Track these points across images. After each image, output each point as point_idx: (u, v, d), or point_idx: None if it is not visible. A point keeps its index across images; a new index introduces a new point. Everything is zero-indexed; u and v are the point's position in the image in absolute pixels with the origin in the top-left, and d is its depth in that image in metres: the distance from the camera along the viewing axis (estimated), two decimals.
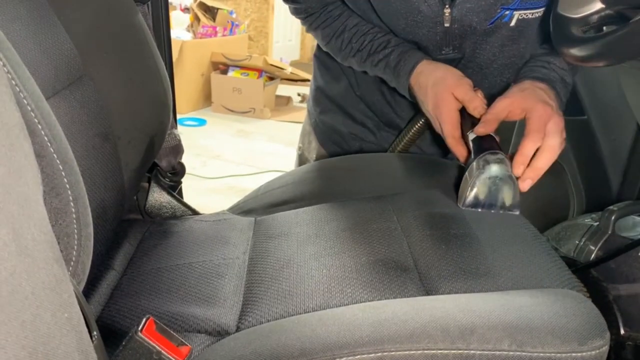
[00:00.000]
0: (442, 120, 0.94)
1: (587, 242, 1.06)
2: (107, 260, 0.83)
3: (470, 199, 0.84)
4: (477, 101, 0.92)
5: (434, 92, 0.95)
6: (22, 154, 0.37)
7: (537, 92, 0.91)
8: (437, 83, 0.95)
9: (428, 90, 0.96)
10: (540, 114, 0.87)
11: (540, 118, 0.86)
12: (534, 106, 0.88)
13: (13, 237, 0.33)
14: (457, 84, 0.94)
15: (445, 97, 0.93)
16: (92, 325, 0.45)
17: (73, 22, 0.75)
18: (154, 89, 0.96)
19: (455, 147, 0.93)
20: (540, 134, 0.85)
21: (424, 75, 0.98)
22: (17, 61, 0.47)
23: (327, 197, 0.97)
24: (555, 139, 0.86)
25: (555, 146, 0.86)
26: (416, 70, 0.99)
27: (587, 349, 0.57)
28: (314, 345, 0.58)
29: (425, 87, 0.97)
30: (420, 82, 0.98)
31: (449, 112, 0.93)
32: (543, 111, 0.87)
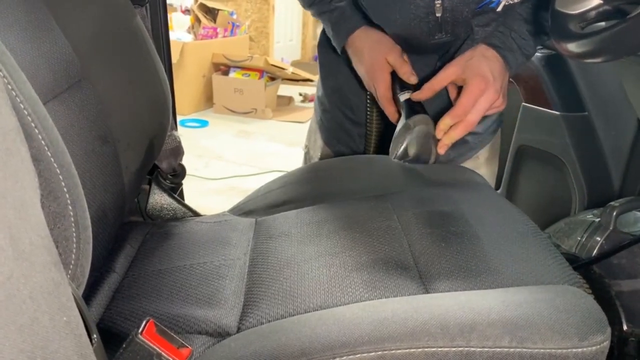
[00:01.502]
0: (376, 82, 1.03)
1: (589, 238, 1.06)
2: (108, 262, 0.83)
3: (400, 153, 0.97)
4: (406, 67, 1.02)
5: (370, 56, 1.04)
6: (18, 158, 0.37)
7: (482, 63, 0.96)
8: (372, 48, 1.04)
9: (364, 54, 1.05)
10: (472, 89, 0.94)
11: (471, 93, 0.94)
12: (471, 79, 0.95)
13: (10, 242, 0.33)
14: (390, 50, 1.03)
15: (380, 61, 1.03)
16: (91, 328, 0.45)
17: (71, 26, 0.75)
18: (153, 91, 0.96)
19: (387, 107, 1.04)
20: (465, 108, 0.94)
21: (359, 40, 1.06)
22: (13, 65, 0.47)
23: (327, 197, 0.97)
24: (477, 115, 0.94)
25: (473, 122, 0.95)
26: (354, 34, 1.07)
27: (587, 345, 0.57)
28: (314, 344, 0.58)
29: (361, 50, 1.06)
30: (356, 45, 1.07)
31: (383, 75, 1.03)
32: (477, 86, 0.94)
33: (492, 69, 0.95)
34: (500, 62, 0.97)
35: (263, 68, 4.15)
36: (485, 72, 0.95)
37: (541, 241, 0.78)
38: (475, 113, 0.94)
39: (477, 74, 0.95)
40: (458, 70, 0.97)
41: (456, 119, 0.94)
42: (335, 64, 1.21)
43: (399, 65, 1.03)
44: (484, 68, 0.95)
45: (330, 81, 1.24)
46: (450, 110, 0.95)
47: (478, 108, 0.94)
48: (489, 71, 0.95)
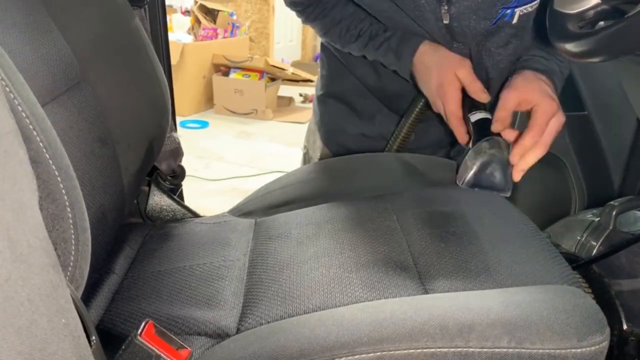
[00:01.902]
0: (446, 99, 0.96)
1: (589, 237, 1.06)
2: (108, 264, 0.83)
3: (469, 179, 0.90)
4: (478, 84, 0.96)
5: (438, 71, 0.97)
6: (16, 160, 0.37)
7: (542, 84, 0.94)
8: (441, 63, 0.98)
9: (432, 70, 0.99)
10: (545, 109, 0.90)
11: (545, 113, 0.90)
12: (541, 101, 0.91)
13: (8, 244, 0.33)
14: (460, 64, 0.97)
15: (449, 77, 0.96)
16: (90, 330, 0.45)
17: (70, 27, 0.75)
18: (152, 92, 0.96)
19: (457, 127, 0.97)
20: (542, 129, 0.89)
21: (427, 55, 1.00)
22: (11, 68, 0.48)
23: (327, 198, 0.97)
24: (552, 136, 0.90)
25: (548, 143, 0.90)
26: (420, 50, 1.01)
27: (586, 345, 0.57)
28: (313, 345, 0.58)
29: (429, 66, 0.99)
30: (424, 61, 1.00)
31: (453, 91, 0.96)
32: (549, 106, 0.90)
33: (552, 91, 0.94)
34: (551, 85, 0.96)
35: (263, 69, 4.15)
36: (551, 94, 0.92)
37: (540, 241, 0.78)
38: (549, 134, 0.90)
39: (546, 95, 0.92)
40: (519, 94, 0.93)
41: (535, 139, 0.89)
42: (341, 69, 1.21)
43: (470, 82, 0.96)
44: (548, 90, 0.93)
45: (336, 86, 1.24)
46: (526, 132, 0.90)
47: (551, 128, 0.90)
48: (553, 91, 0.93)
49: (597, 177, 1.37)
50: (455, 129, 0.97)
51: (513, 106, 0.93)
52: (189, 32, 4.36)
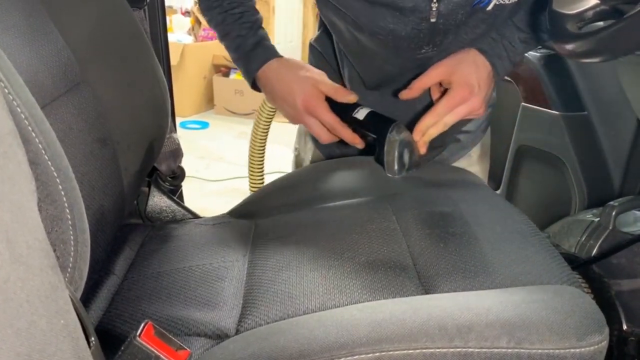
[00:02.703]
0: (319, 112, 0.99)
1: (589, 238, 1.06)
2: (107, 265, 0.83)
3: (398, 168, 0.95)
4: (341, 88, 1.00)
5: (301, 87, 0.99)
6: (15, 162, 0.37)
7: (471, 70, 0.96)
8: (300, 78, 1.00)
9: (293, 85, 1.00)
10: (455, 96, 0.94)
11: (453, 99, 0.94)
12: (457, 87, 0.95)
13: (6, 245, 0.33)
14: (319, 77, 1.01)
15: (315, 92, 0.99)
16: (89, 331, 0.45)
17: (70, 28, 0.75)
18: (152, 93, 0.96)
19: (344, 133, 0.99)
20: (442, 113, 0.94)
21: (285, 68, 1.03)
22: (9, 69, 0.48)
23: (326, 199, 0.97)
24: (454, 117, 0.95)
25: (450, 123, 0.95)
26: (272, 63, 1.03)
27: (585, 345, 0.57)
28: (312, 346, 0.58)
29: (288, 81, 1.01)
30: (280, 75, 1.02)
31: (321, 104, 0.99)
32: (461, 94, 0.94)
33: (480, 78, 0.96)
34: (488, 70, 0.98)
35: None
36: (472, 81, 0.95)
37: (540, 241, 0.78)
38: (454, 115, 0.94)
39: (465, 82, 0.95)
40: (448, 70, 0.97)
41: (435, 119, 0.94)
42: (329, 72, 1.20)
43: (335, 91, 0.99)
44: (472, 77, 0.95)
45: None
46: (430, 110, 0.95)
47: (457, 112, 0.94)
48: (476, 80, 0.95)
49: (597, 177, 1.37)
50: (342, 134, 0.99)
51: (433, 82, 0.98)
52: (189, 33, 4.36)
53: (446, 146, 1.21)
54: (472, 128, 1.20)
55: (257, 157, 1.21)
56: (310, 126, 1.00)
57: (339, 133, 0.99)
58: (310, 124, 1.00)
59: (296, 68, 1.02)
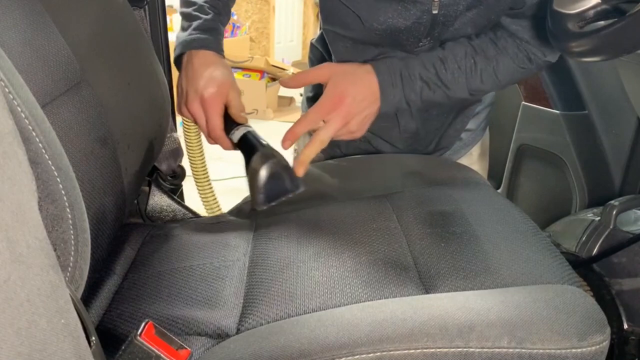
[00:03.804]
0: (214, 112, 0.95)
1: (589, 237, 1.06)
2: (108, 264, 0.83)
3: (263, 198, 0.86)
4: (239, 107, 0.97)
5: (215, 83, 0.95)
6: (16, 161, 0.37)
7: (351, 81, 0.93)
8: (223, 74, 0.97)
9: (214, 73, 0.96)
10: (325, 101, 0.91)
11: (323, 106, 0.91)
12: (329, 92, 0.92)
13: (7, 245, 0.33)
14: (234, 84, 0.97)
15: (223, 91, 0.95)
16: (90, 330, 0.45)
17: (70, 28, 0.75)
18: (152, 92, 0.96)
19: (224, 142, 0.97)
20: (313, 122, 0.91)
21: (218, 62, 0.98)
22: (10, 68, 0.47)
23: (327, 198, 0.97)
24: (327, 133, 0.90)
25: (324, 140, 0.90)
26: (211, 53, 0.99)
27: (587, 345, 0.57)
28: (313, 346, 0.58)
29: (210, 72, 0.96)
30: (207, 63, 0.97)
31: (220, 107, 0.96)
32: (332, 99, 0.91)
33: (356, 93, 0.92)
34: (371, 91, 0.94)
35: (264, 69, 4.15)
36: (345, 93, 0.92)
37: (541, 240, 0.78)
38: (327, 130, 0.90)
39: (338, 90, 0.92)
40: (329, 74, 0.94)
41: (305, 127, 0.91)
42: None
43: (237, 103, 0.96)
44: (347, 89, 0.92)
45: None
46: (299, 119, 0.92)
47: (329, 125, 0.90)
48: (353, 94, 0.92)
49: (597, 177, 1.37)
50: (222, 143, 0.97)
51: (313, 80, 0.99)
52: None
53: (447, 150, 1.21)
54: (473, 126, 1.20)
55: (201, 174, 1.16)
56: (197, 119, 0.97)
57: (218, 140, 0.97)
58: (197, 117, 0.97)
59: (224, 68, 0.98)
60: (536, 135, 1.50)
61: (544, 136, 1.48)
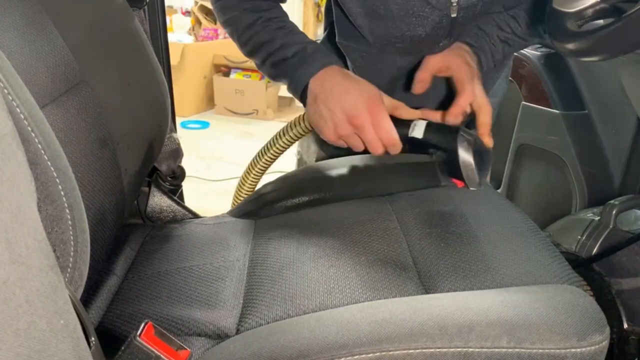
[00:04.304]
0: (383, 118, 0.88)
1: (589, 236, 1.06)
2: (108, 265, 0.83)
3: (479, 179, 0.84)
4: (402, 105, 0.91)
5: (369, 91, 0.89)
6: (14, 162, 0.37)
7: (463, 53, 0.98)
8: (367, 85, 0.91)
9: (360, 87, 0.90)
10: (463, 72, 0.94)
11: (466, 74, 0.94)
12: (460, 67, 0.95)
13: (6, 246, 0.33)
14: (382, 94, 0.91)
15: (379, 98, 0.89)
16: (89, 331, 0.45)
17: (69, 29, 0.75)
18: (152, 93, 0.96)
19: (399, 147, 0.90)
20: (471, 90, 0.92)
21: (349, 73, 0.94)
22: (9, 69, 0.48)
23: (327, 198, 0.97)
24: (483, 96, 0.93)
25: (487, 101, 0.93)
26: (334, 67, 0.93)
27: (586, 345, 0.57)
28: (313, 346, 0.58)
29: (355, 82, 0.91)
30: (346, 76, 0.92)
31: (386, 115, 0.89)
32: (466, 70, 0.94)
33: (473, 61, 0.97)
34: (476, 59, 0.99)
35: None
36: (469, 61, 0.96)
37: (540, 240, 0.78)
38: (480, 95, 0.92)
39: (464, 62, 0.96)
40: (442, 59, 0.97)
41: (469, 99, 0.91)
42: None
43: (395, 107, 0.90)
44: (467, 58, 0.97)
45: None
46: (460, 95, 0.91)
47: (479, 89, 0.93)
48: (471, 61, 0.97)
49: (597, 176, 1.37)
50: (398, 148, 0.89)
51: (435, 70, 0.97)
52: (189, 33, 4.36)
53: None
54: None
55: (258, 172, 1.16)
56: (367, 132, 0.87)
57: (395, 145, 0.88)
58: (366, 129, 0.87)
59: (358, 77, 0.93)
60: (536, 135, 1.50)
61: (544, 136, 1.48)
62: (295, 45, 0.95)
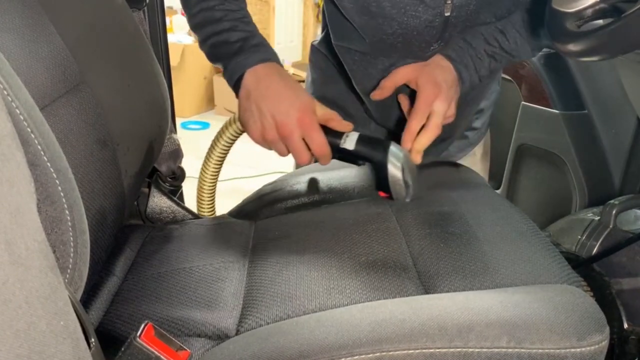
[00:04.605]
0: (314, 130, 0.88)
1: (589, 236, 1.05)
2: (108, 266, 0.83)
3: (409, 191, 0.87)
4: (336, 116, 0.92)
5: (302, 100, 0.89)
6: (14, 163, 0.37)
7: (436, 70, 0.96)
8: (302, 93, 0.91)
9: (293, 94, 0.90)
10: (427, 94, 0.92)
11: (427, 98, 0.92)
12: (425, 85, 0.94)
13: (5, 247, 0.33)
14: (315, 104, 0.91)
15: (312, 107, 0.89)
16: (89, 332, 0.45)
17: (69, 30, 0.75)
18: (151, 94, 0.96)
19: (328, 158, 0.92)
20: (424, 113, 0.91)
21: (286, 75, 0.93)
22: (8, 71, 0.48)
23: (327, 199, 0.97)
24: (438, 118, 0.91)
25: (438, 124, 0.91)
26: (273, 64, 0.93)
27: (586, 345, 0.57)
28: (313, 347, 0.58)
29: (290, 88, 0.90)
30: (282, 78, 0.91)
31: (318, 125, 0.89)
32: (431, 91, 0.92)
33: (446, 79, 0.94)
34: (453, 75, 0.96)
35: None
36: (439, 80, 0.94)
37: (540, 240, 0.78)
38: (437, 116, 0.90)
39: (431, 80, 0.94)
40: (414, 72, 0.96)
41: (421, 119, 0.90)
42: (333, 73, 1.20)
43: (331, 114, 0.91)
44: (437, 76, 0.94)
45: (328, 90, 1.21)
46: (411, 114, 0.91)
47: (437, 111, 0.91)
48: (442, 79, 0.94)
49: (597, 176, 1.37)
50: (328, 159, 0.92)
51: (401, 81, 0.98)
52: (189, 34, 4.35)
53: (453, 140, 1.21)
54: (478, 125, 1.21)
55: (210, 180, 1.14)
56: (294, 142, 0.88)
57: (324, 156, 0.90)
58: (294, 139, 0.88)
59: (295, 81, 0.93)
60: (536, 135, 1.50)
61: (544, 136, 1.48)
62: (241, 32, 0.94)
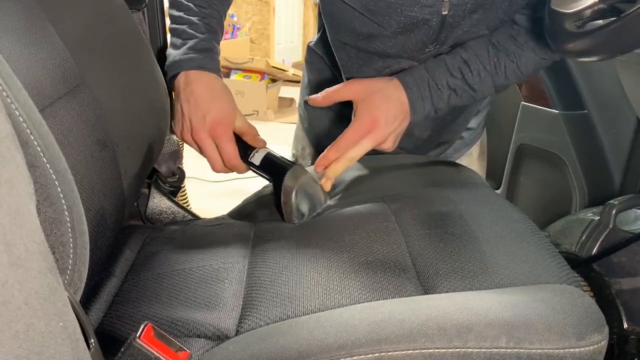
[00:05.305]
0: (224, 140, 0.92)
1: (589, 236, 1.05)
2: (107, 267, 0.83)
3: (297, 214, 0.90)
4: (253, 130, 0.96)
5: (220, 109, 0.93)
6: (13, 165, 0.37)
7: (381, 103, 0.92)
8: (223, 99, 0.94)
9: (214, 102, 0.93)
10: (359, 127, 0.91)
11: (357, 131, 0.90)
12: (362, 116, 0.91)
13: (4, 248, 0.33)
14: (238, 112, 0.96)
15: (229, 121, 0.93)
16: (89, 333, 0.46)
17: (68, 31, 0.75)
18: (151, 95, 0.96)
19: (240, 168, 0.95)
20: (348, 146, 0.90)
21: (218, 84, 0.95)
22: (7, 72, 0.48)
23: None
24: (358, 152, 0.90)
25: (354, 158, 0.91)
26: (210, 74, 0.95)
27: (585, 345, 0.57)
28: (312, 347, 0.58)
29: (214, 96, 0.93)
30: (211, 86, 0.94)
31: (230, 136, 0.93)
32: (364, 126, 0.90)
33: (388, 113, 0.92)
34: (402, 107, 0.93)
35: (264, 70, 4.15)
36: (378, 114, 0.91)
37: (539, 240, 0.78)
38: (358, 150, 0.90)
39: (369, 114, 0.91)
40: (360, 93, 0.94)
41: (338, 153, 0.90)
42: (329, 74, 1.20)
43: (247, 128, 0.95)
44: (379, 109, 0.91)
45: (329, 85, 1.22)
46: (333, 144, 0.91)
47: (362, 145, 0.90)
48: (384, 114, 0.91)
49: (597, 176, 1.37)
50: (237, 169, 0.95)
51: (347, 97, 0.95)
52: None
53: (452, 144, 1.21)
54: (474, 125, 1.20)
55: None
56: (205, 148, 0.93)
57: (235, 167, 0.94)
58: (205, 146, 0.93)
59: (227, 93, 0.96)
60: (536, 135, 1.50)
61: (544, 136, 1.48)
62: (195, 34, 0.96)
